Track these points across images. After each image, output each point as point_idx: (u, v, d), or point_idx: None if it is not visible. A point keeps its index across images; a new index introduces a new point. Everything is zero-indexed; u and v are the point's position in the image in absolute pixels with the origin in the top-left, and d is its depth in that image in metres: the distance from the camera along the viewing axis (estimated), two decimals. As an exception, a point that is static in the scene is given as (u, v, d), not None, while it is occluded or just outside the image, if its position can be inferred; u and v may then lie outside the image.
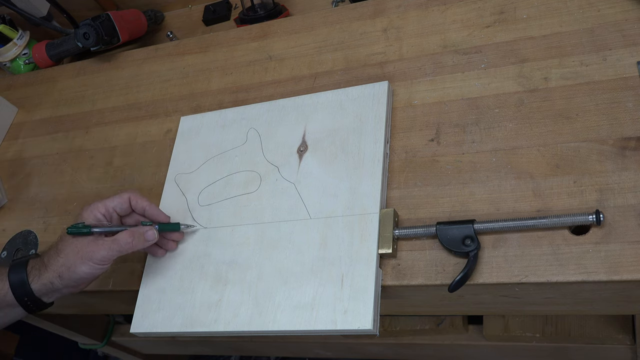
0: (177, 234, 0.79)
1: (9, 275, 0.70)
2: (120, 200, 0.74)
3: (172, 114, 0.97)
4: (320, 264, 0.70)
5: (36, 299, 0.71)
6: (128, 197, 0.74)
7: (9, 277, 0.70)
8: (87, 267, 0.68)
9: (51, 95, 1.13)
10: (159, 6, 1.25)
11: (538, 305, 0.71)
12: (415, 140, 0.77)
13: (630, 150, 0.66)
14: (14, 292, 0.70)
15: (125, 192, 0.74)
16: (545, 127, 0.71)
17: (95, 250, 0.68)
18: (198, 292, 0.75)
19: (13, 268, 0.71)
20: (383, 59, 0.87)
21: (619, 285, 0.61)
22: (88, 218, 0.72)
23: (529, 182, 0.68)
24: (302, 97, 0.86)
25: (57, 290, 0.71)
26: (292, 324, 0.68)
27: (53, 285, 0.70)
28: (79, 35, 1.06)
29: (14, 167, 1.05)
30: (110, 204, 0.73)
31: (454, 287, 0.64)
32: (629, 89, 0.70)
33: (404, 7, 0.90)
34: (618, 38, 0.74)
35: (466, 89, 0.78)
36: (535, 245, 0.64)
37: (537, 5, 0.81)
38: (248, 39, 1.00)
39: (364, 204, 0.72)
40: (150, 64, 1.07)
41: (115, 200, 0.73)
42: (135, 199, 0.74)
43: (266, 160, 0.82)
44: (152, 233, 0.72)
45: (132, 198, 0.74)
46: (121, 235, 0.70)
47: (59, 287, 0.70)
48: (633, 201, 0.63)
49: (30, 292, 0.70)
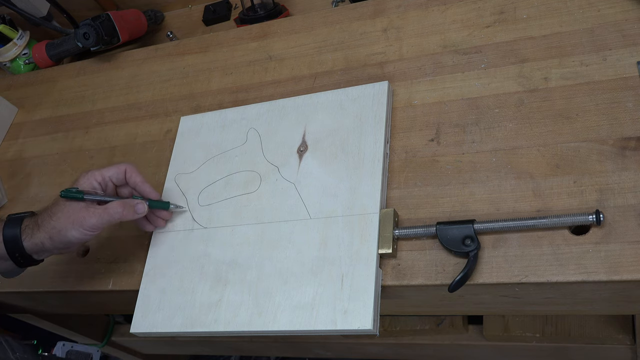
0: (166, 213, 0.81)
1: (3, 230, 0.73)
2: (117, 170, 0.76)
3: (172, 114, 0.97)
4: (320, 264, 0.70)
5: (27, 255, 0.73)
6: (124, 169, 0.76)
7: (3, 231, 0.73)
8: (77, 232, 0.71)
9: (51, 95, 1.13)
10: (159, 6, 1.25)
11: (538, 305, 0.71)
12: (415, 140, 0.77)
13: (630, 150, 0.66)
14: (6, 246, 0.72)
15: (123, 164, 0.77)
16: (545, 127, 0.71)
17: (87, 216, 0.71)
18: (198, 292, 0.75)
19: (8, 224, 0.73)
20: (383, 59, 0.87)
21: (619, 285, 0.61)
22: (84, 184, 0.74)
23: (529, 182, 0.68)
24: (302, 97, 0.86)
25: (47, 250, 0.73)
26: (292, 324, 0.68)
27: (44, 245, 0.72)
28: (79, 35, 1.06)
29: (14, 167, 1.05)
30: (107, 173, 0.75)
31: (454, 287, 0.64)
32: (629, 89, 0.70)
33: (404, 7, 0.90)
34: (618, 38, 0.74)
35: (466, 89, 0.78)
36: (535, 245, 0.64)
37: (537, 5, 0.81)
38: (248, 39, 1.00)
39: (364, 204, 0.72)
40: (150, 64, 1.07)
41: (112, 170, 0.76)
42: (130, 172, 0.77)
43: (266, 160, 0.82)
44: (142, 206, 0.75)
45: (127, 170, 0.77)
46: (112, 204, 0.72)
47: (49, 247, 0.72)
48: (633, 201, 0.63)
49: (21, 248, 0.72)
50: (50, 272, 0.87)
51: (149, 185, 0.78)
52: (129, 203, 0.73)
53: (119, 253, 0.85)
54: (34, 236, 0.72)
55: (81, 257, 0.87)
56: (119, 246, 0.85)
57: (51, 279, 0.87)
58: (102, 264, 0.85)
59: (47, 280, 0.88)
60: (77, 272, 0.86)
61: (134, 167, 0.77)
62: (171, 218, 0.82)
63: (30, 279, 0.88)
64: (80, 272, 0.86)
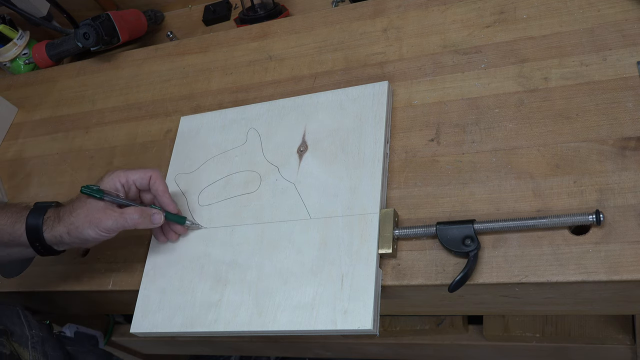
0: (181, 228, 0.80)
1: (27, 217, 0.73)
2: (142, 175, 0.76)
3: (172, 114, 0.97)
4: (320, 264, 0.70)
5: (47, 246, 0.74)
6: (150, 175, 0.76)
7: (27, 219, 0.73)
8: (93, 232, 0.71)
9: (51, 95, 1.13)
10: (159, 6, 1.25)
11: (538, 305, 0.71)
12: (415, 140, 0.77)
13: (630, 150, 0.66)
14: (28, 235, 0.73)
15: (149, 170, 0.76)
16: (545, 127, 0.71)
17: (104, 218, 0.71)
18: (198, 292, 0.75)
19: (32, 212, 0.74)
20: (383, 59, 0.87)
21: (619, 285, 0.61)
22: (107, 184, 0.74)
23: (529, 182, 0.68)
24: (302, 97, 0.86)
25: (65, 243, 0.74)
26: (292, 324, 0.68)
27: (62, 238, 0.72)
28: (79, 35, 1.06)
29: (14, 167, 1.05)
30: (132, 176, 0.75)
31: (454, 287, 0.64)
32: (629, 89, 0.70)
33: (404, 7, 0.90)
34: (618, 38, 0.74)
35: (466, 89, 0.78)
36: (535, 245, 0.64)
37: (537, 5, 0.81)
38: (248, 39, 1.00)
39: (364, 204, 0.72)
40: (150, 64, 1.07)
41: (138, 174, 0.76)
42: (155, 179, 0.76)
43: (266, 160, 0.82)
44: (158, 217, 0.74)
45: (152, 177, 0.76)
46: (129, 210, 0.72)
47: (67, 241, 0.73)
48: (633, 201, 0.63)
49: (42, 239, 0.73)
50: (50, 272, 0.87)
51: (169, 196, 0.77)
52: (147, 212, 0.73)
53: (119, 253, 0.85)
54: (54, 229, 0.72)
55: (81, 257, 0.87)
56: (119, 246, 0.85)
57: (51, 279, 0.87)
58: (102, 264, 0.85)
59: (47, 280, 0.88)
60: (77, 272, 0.86)
61: (159, 175, 0.77)
62: (186, 234, 0.81)
63: (30, 279, 0.88)
64: (80, 272, 0.86)
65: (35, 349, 0.75)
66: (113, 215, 0.71)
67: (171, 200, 0.77)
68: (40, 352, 0.75)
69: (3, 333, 0.73)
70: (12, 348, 0.72)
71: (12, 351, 0.71)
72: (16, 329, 0.75)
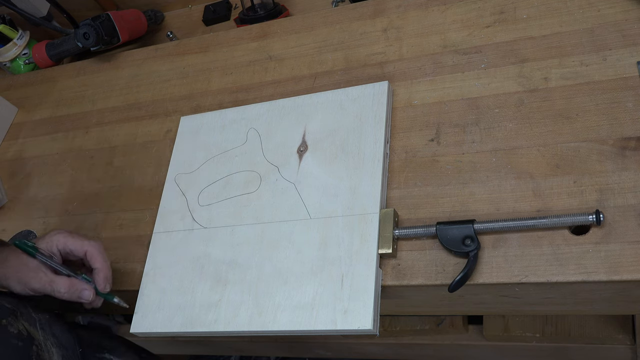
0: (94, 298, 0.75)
1: None
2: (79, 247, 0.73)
3: (172, 114, 0.97)
4: (320, 264, 0.70)
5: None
6: (85, 251, 0.74)
7: None
8: (19, 288, 0.72)
9: (51, 95, 1.13)
10: (159, 6, 1.25)
11: (538, 305, 0.71)
12: (415, 140, 0.77)
13: (630, 150, 0.66)
14: None
15: (89, 244, 0.73)
16: (545, 127, 0.71)
17: (33, 280, 0.71)
18: (198, 292, 0.75)
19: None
20: (383, 59, 0.87)
21: (619, 285, 0.61)
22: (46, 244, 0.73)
23: (529, 182, 0.68)
24: (302, 97, 0.86)
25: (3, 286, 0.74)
26: (292, 324, 0.68)
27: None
28: (79, 35, 1.06)
29: (14, 167, 1.05)
30: (70, 245, 0.73)
31: (454, 287, 0.64)
32: (629, 89, 0.70)
33: (404, 7, 0.90)
34: (618, 38, 0.74)
35: (466, 89, 0.78)
36: (535, 245, 0.64)
37: (537, 5, 0.81)
38: (248, 39, 1.00)
39: (364, 204, 0.72)
40: (150, 64, 1.07)
41: (76, 244, 0.73)
42: (91, 255, 0.73)
43: (266, 160, 0.82)
44: (87, 293, 0.73)
45: (88, 253, 0.73)
46: (59, 282, 0.72)
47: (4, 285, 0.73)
48: (633, 201, 0.63)
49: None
50: (50, 272, 0.87)
51: (104, 274, 0.73)
52: (76, 286, 0.72)
53: (119, 253, 0.85)
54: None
55: (81, 257, 0.87)
56: (119, 246, 0.85)
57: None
58: (102, 264, 0.85)
59: (47, 280, 0.87)
60: (77, 272, 0.86)
61: (98, 250, 0.73)
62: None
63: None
64: (80, 272, 0.86)
65: (44, 330, 0.74)
66: (43, 279, 0.71)
67: (104, 278, 0.73)
68: (50, 333, 0.75)
69: (11, 312, 0.72)
70: (22, 326, 0.71)
71: (20, 330, 0.70)
72: (23, 311, 0.75)
